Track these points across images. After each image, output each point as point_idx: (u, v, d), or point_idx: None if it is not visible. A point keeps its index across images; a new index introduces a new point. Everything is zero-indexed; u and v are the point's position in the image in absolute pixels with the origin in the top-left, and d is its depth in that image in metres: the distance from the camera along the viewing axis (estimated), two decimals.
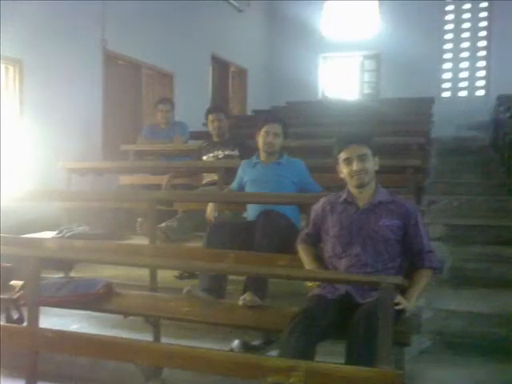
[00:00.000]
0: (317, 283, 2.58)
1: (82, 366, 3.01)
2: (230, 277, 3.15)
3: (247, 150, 4.48)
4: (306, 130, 6.32)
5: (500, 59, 10.53)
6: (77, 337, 2.53)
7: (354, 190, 2.63)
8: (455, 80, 11.34)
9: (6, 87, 5.22)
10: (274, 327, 2.61)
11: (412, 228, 2.56)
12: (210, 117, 4.84)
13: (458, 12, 11.30)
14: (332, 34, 11.83)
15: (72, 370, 3.03)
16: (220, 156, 4.75)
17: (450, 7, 11.34)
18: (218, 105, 7.55)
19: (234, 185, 3.82)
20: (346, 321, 2.29)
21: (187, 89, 8.14)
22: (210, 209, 3.68)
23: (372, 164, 2.60)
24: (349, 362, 2.16)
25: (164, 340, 2.91)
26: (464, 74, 11.31)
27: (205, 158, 4.80)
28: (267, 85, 11.63)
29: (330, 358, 2.22)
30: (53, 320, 3.17)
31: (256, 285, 2.88)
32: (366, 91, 12.11)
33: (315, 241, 2.77)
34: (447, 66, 11.37)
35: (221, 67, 10.05)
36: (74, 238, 3.84)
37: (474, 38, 11.19)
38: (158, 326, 2.96)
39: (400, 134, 5.63)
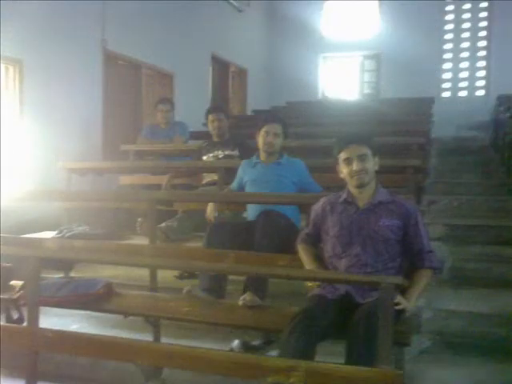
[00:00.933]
0: (317, 283, 2.58)
1: (82, 366, 3.01)
2: (230, 277, 3.15)
3: (247, 150, 4.47)
4: (306, 130, 6.32)
5: (500, 59, 10.53)
6: (77, 337, 2.53)
7: (354, 190, 2.63)
8: (455, 80, 11.34)
9: (6, 87, 5.22)
10: (274, 327, 2.61)
11: (412, 228, 2.56)
12: (210, 117, 4.84)
13: (458, 12, 11.30)
14: (332, 34, 11.82)
15: (72, 370, 3.03)
16: (220, 156, 4.75)
17: (450, 7, 11.34)
18: (218, 105, 7.54)
19: (234, 185, 3.82)
20: (346, 321, 2.29)
21: (187, 89, 8.14)
22: (210, 209, 3.68)
23: (372, 164, 2.60)
24: (349, 362, 2.16)
25: (164, 340, 2.91)
26: (464, 74, 11.31)
27: (205, 157, 4.80)
28: (267, 85, 11.62)
29: (330, 358, 2.22)
30: (53, 320, 3.17)
31: (256, 285, 2.88)
32: (366, 91, 12.10)
33: (315, 241, 2.77)
34: (447, 66, 11.37)
35: (221, 67, 10.05)
36: (74, 238, 3.84)
37: (474, 38, 11.19)
38: (158, 326, 2.95)
39: (400, 134, 5.63)
